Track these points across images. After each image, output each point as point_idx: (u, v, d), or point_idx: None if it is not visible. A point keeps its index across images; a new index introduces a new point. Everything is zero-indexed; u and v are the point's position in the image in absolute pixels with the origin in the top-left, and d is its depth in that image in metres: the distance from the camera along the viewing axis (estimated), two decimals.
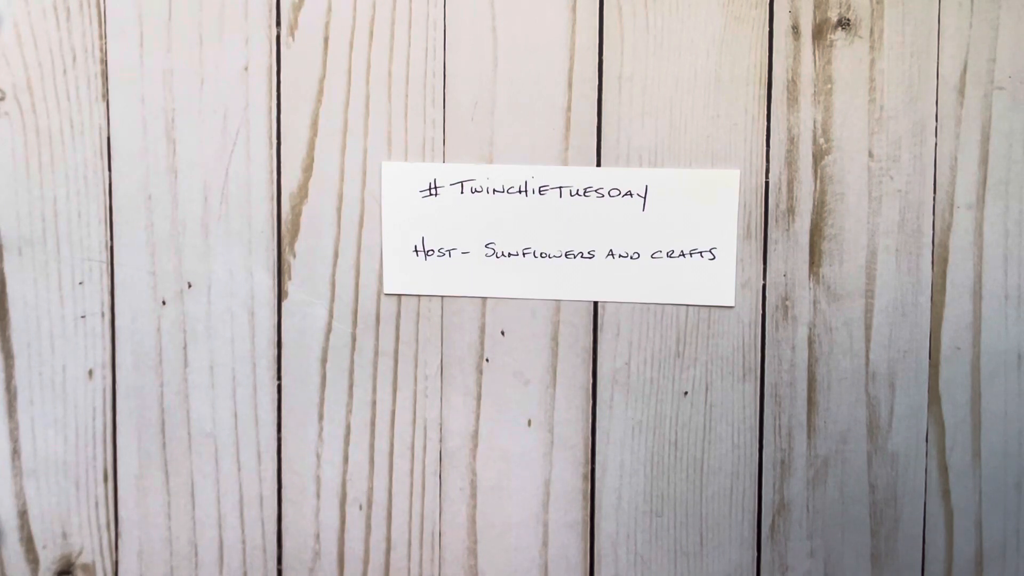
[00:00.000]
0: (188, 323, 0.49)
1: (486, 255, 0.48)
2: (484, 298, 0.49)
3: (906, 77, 0.48)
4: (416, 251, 0.48)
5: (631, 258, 0.48)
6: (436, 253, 0.48)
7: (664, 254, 0.48)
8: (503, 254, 0.48)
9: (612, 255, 0.48)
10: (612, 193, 0.48)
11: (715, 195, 0.48)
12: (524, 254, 0.48)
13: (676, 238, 0.48)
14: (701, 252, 0.48)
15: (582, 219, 0.48)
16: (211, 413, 0.50)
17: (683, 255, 0.48)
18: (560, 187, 0.48)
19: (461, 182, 0.48)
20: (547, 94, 0.48)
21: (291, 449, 0.50)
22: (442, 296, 0.49)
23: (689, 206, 0.48)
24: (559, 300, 0.49)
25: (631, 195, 0.48)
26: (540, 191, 0.48)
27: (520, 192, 0.48)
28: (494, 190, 0.48)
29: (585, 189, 0.48)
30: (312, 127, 0.49)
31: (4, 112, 0.48)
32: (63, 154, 0.49)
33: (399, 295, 0.49)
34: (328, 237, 0.49)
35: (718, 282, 0.48)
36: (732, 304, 0.48)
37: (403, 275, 0.48)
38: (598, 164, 0.48)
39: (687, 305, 0.48)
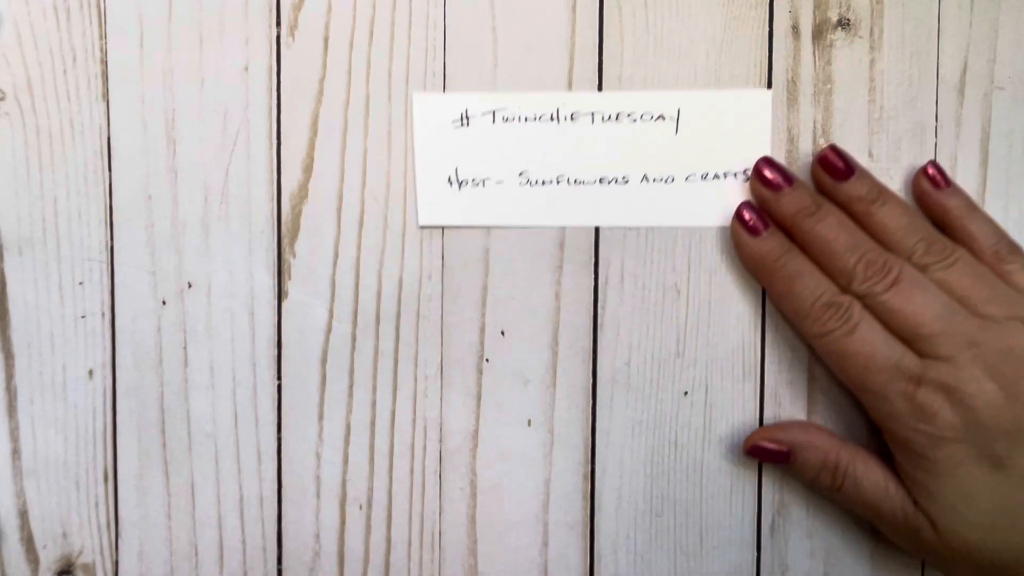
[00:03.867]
0: (188, 323, 0.49)
1: (520, 184, 0.48)
2: (520, 227, 0.48)
3: (906, 77, 0.48)
4: (450, 182, 0.48)
5: (665, 182, 0.48)
6: (470, 183, 0.48)
7: (698, 176, 0.48)
8: (537, 182, 0.48)
9: (646, 180, 0.48)
10: (644, 117, 0.47)
11: (747, 115, 0.48)
12: (558, 182, 0.48)
13: (709, 160, 0.48)
14: (735, 173, 0.48)
15: (615, 144, 0.48)
16: (211, 413, 0.50)
17: (716, 177, 0.48)
18: (592, 113, 0.47)
19: (493, 111, 0.48)
20: None
21: (291, 449, 0.50)
22: (478, 227, 0.48)
23: (721, 127, 0.48)
24: (596, 227, 0.48)
25: (663, 119, 0.47)
26: (571, 117, 0.47)
27: (552, 119, 0.47)
28: (525, 118, 0.48)
29: (617, 114, 0.47)
30: (312, 127, 0.49)
31: (4, 112, 0.48)
32: (63, 154, 0.49)
33: (435, 227, 0.48)
34: (328, 237, 0.49)
35: None
36: None
37: (438, 207, 0.48)
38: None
39: (724, 227, 0.48)
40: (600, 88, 0.48)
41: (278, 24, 0.48)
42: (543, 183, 0.48)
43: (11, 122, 0.48)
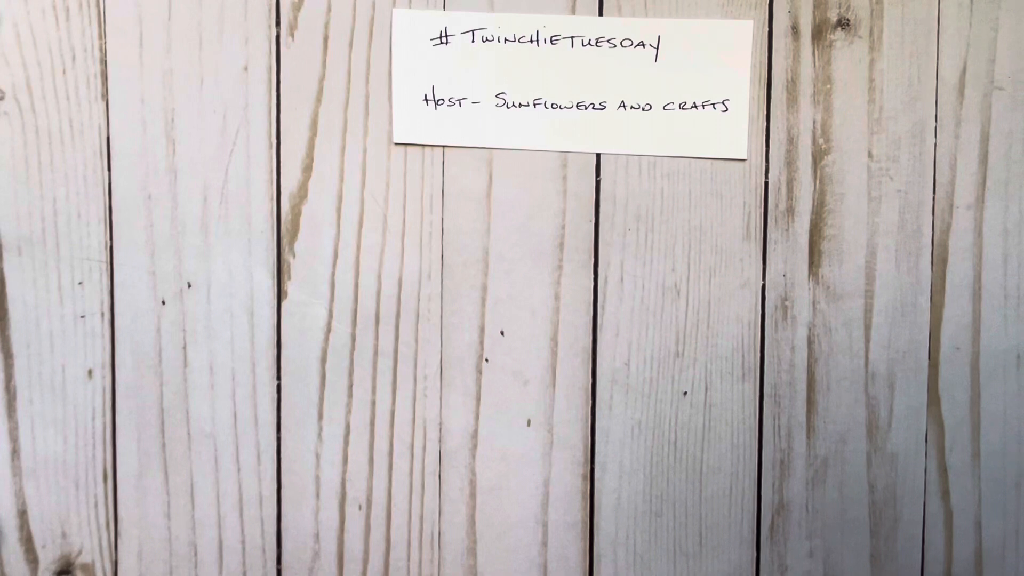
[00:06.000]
0: (188, 323, 0.49)
1: (496, 105, 0.48)
2: (492, 149, 0.48)
3: (906, 77, 0.48)
4: (426, 100, 0.47)
5: (643, 110, 0.47)
6: (446, 102, 0.47)
7: (676, 106, 0.47)
8: (513, 104, 0.47)
9: (623, 106, 0.47)
10: (624, 43, 0.47)
11: (728, 46, 0.47)
12: (535, 105, 0.48)
13: (688, 89, 0.47)
14: (714, 104, 0.47)
15: (593, 69, 0.47)
16: (211, 413, 0.50)
17: (695, 107, 0.47)
18: (571, 37, 0.47)
19: (472, 31, 0.47)
20: None
21: (291, 449, 0.50)
22: (451, 147, 0.48)
23: (702, 57, 0.47)
24: (567, 152, 0.48)
25: (643, 46, 0.47)
26: (551, 40, 0.47)
27: (531, 42, 0.47)
28: (505, 39, 0.47)
29: (597, 39, 0.47)
30: (312, 127, 0.49)
31: (4, 112, 0.48)
32: (63, 154, 0.49)
33: (409, 144, 0.48)
34: (328, 237, 0.49)
35: (730, 134, 0.47)
36: (744, 156, 0.48)
37: (413, 125, 0.48)
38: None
39: (699, 158, 0.48)
40: (601, 13, 0.48)
41: (278, 24, 0.48)
42: (519, 105, 0.47)
43: (11, 122, 0.48)
